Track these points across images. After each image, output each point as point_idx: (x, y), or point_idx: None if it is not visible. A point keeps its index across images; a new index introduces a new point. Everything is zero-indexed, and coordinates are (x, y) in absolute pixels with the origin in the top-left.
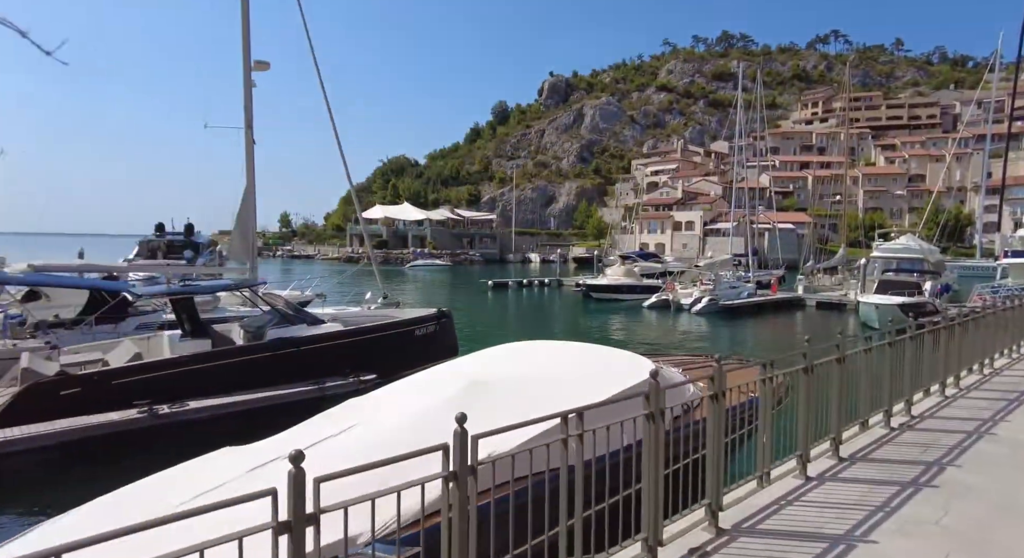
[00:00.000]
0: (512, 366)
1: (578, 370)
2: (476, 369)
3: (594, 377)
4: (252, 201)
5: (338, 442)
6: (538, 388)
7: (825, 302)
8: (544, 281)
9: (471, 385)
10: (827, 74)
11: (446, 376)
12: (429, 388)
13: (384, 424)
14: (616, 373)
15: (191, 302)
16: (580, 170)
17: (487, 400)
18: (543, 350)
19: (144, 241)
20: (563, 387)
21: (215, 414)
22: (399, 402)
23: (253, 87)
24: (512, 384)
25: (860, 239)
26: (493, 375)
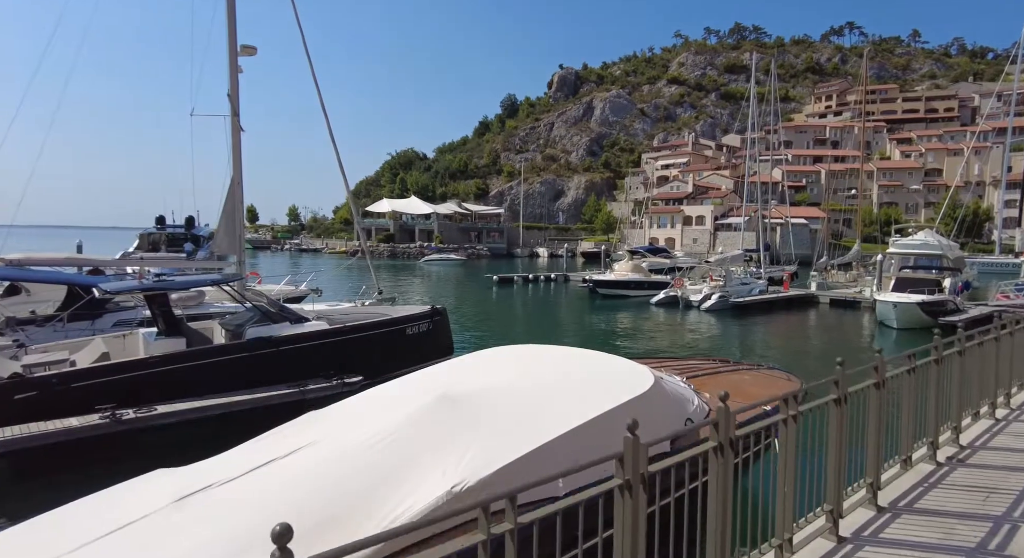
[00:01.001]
0: (490, 376)
1: (566, 381)
2: (448, 380)
3: (584, 389)
4: (239, 193)
5: (287, 466)
6: (519, 403)
7: (839, 299)
8: (550, 276)
9: (441, 400)
10: (841, 67)
11: (413, 388)
12: (394, 403)
13: (341, 444)
14: (610, 385)
15: (165, 299)
16: (589, 164)
17: (457, 417)
18: (527, 357)
19: (145, 234)
20: (549, 402)
21: (185, 419)
22: (361, 418)
23: (239, 73)
24: (488, 398)
25: (875, 234)
26: (467, 387)
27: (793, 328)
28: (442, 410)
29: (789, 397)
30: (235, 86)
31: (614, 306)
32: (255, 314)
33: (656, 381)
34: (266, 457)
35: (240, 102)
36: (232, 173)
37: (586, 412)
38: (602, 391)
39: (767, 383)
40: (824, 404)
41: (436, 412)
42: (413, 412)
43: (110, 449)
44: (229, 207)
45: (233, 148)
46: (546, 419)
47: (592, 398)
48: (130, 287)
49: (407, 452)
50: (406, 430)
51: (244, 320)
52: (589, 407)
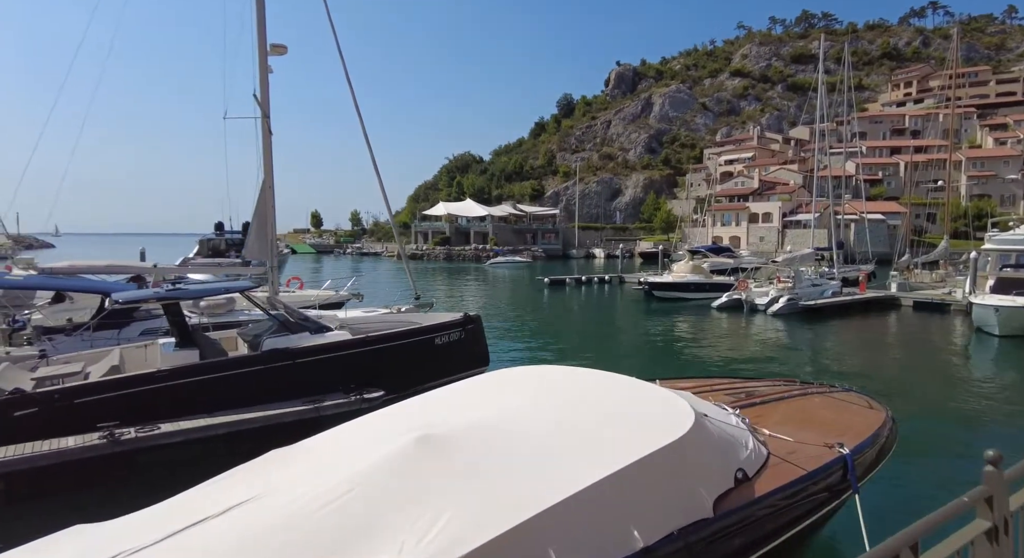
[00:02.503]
0: (487, 409)
1: (579, 420)
2: (435, 414)
3: (602, 432)
4: (270, 196)
5: (213, 530)
6: (517, 449)
7: (924, 302)
8: (604, 278)
9: (419, 443)
10: (923, 50)
11: (389, 425)
12: (367, 443)
13: (284, 502)
14: (637, 425)
15: (177, 307)
16: (648, 161)
17: (436, 466)
18: (536, 384)
19: (204, 240)
20: (554, 449)
21: (190, 438)
22: (321, 463)
23: (269, 73)
24: (480, 440)
25: (965, 229)
26: (456, 425)
27: (872, 335)
28: (418, 457)
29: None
30: (265, 87)
31: (671, 310)
32: (274, 324)
33: (698, 421)
34: (197, 515)
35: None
36: (263, 177)
37: (602, 466)
38: (625, 435)
39: (845, 413)
40: (968, 543)
41: (409, 459)
42: (379, 460)
43: (109, 472)
44: (260, 211)
45: (264, 151)
46: (549, 475)
47: (611, 445)
48: (144, 296)
49: (361, 518)
50: (366, 485)
51: (262, 330)
52: (606, 458)
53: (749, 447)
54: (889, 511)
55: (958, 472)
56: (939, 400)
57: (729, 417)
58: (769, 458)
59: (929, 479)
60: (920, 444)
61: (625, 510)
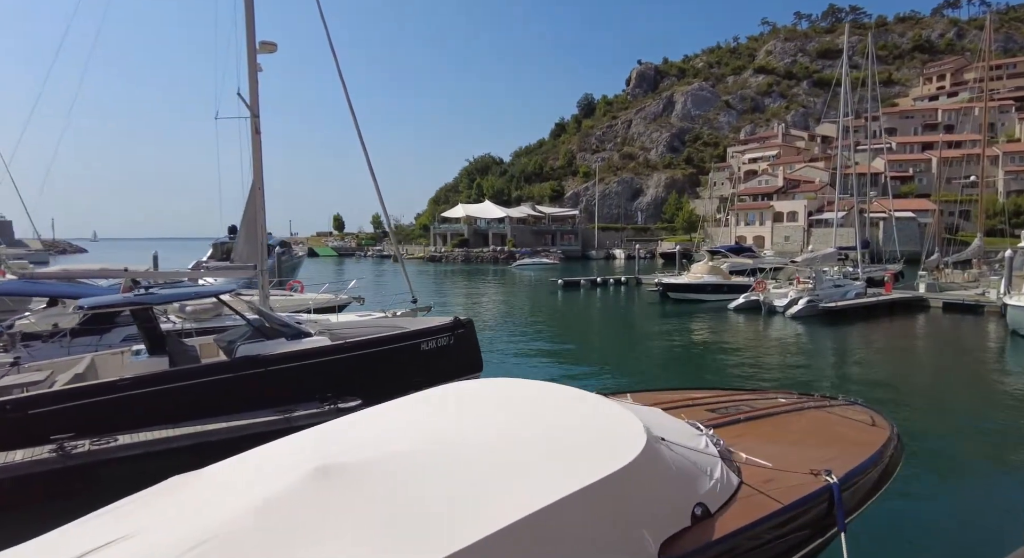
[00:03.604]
0: (414, 432)
1: (513, 444)
2: (341, 442)
3: (536, 459)
4: (260, 198)
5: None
6: (432, 482)
7: (955, 303)
8: (621, 279)
9: (317, 476)
10: (957, 42)
11: (287, 455)
12: (258, 476)
13: (150, 549)
14: (578, 452)
15: (147, 313)
16: (670, 160)
17: (336, 504)
18: (478, 402)
19: (218, 243)
20: (477, 481)
21: (151, 451)
22: (210, 497)
23: (259, 71)
24: (391, 472)
25: (1001, 227)
26: (366, 453)
27: (897, 339)
28: (314, 490)
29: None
30: (254, 85)
31: (686, 312)
32: (249, 329)
33: (648, 447)
34: (71, 551)
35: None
36: (253, 177)
37: (524, 503)
38: (560, 465)
39: (843, 431)
40: None
41: (304, 494)
42: (269, 495)
43: (61, 487)
44: (250, 213)
45: (253, 151)
46: (461, 512)
47: (542, 477)
48: (110, 301)
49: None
50: (249, 528)
51: (237, 336)
52: (532, 493)
53: (715, 476)
54: (885, 554)
55: (987, 504)
56: (966, 414)
57: (698, 439)
58: (740, 489)
59: (946, 512)
60: (938, 467)
61: (548, 556)
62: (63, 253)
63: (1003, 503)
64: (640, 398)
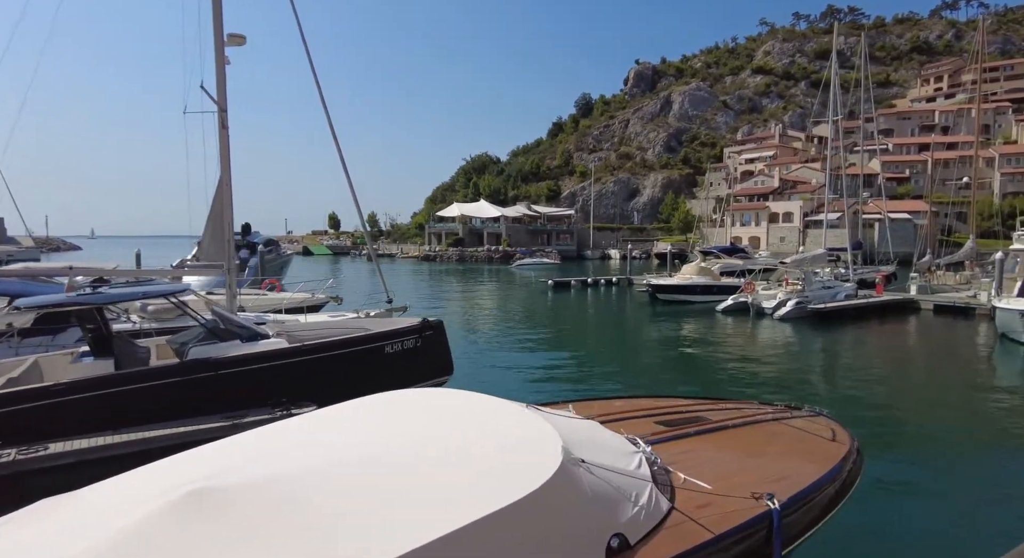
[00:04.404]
0: (304, 451)
1: (414, 465)
2: (232, 460)
3: (436, 483)
4: (227, 194)
5: None
6: (315, 505)
7: (946, 305)
8: (612, 280)
9: (187, 502)
10: (955, 44)
11: (160, 477)
12: (129, 499)
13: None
14: (483, 474)
15: (91, 313)
16: (667, 160)
17: (205, 534)
18: (384, 417)
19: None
20: (367, 511)
21: (85, 460)
22: (67, 528)
23: (227, 64)
24: (274, 494)
25: (996, 229)
26: (247, 474)
27: (886, 341)
28: (181, 521)
29: None
30: (222, 79)
31: (674, 313)
32: (202, 331)
33: (562, 470)
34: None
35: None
36: (220, 173)
37: (412, 536)
38: (466, 489)
39: (798, 446)
40: None
41: (167, 524)
42: (130, 526)
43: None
44: (217, 210)
45: (220, 147)
46: (340, 548)
47: (443, 503)
48: (49, 301)
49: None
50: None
51: (190, 338)
52: (422, 525)
53: (640, 502)
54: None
55: (967, 520)
56: (949, 421)
57: (630, 459)
58: (670, 515)
59: (917, 524)
60: (911, 483)
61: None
62: (56, 251)
63: (979, 514)
64: (583, 408)
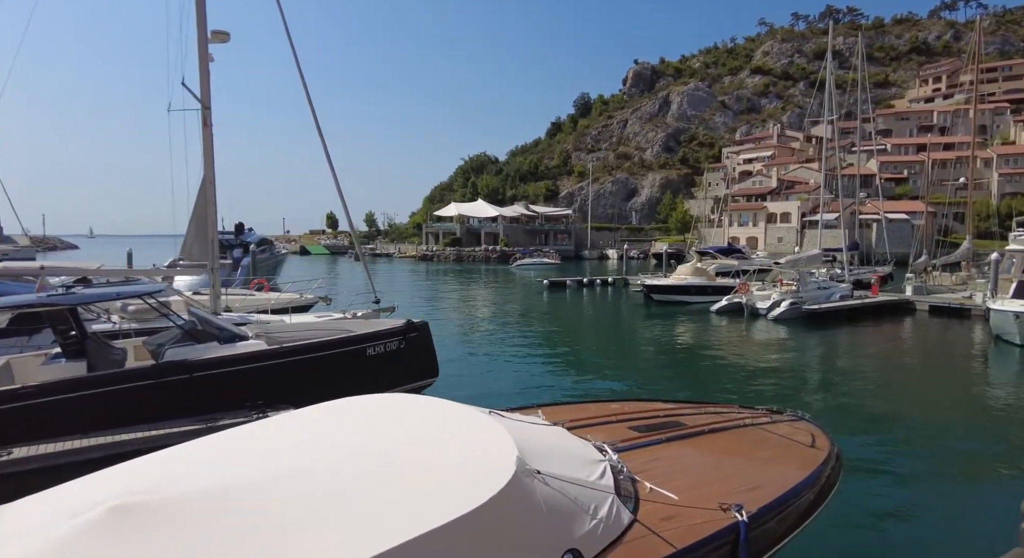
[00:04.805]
0: (245, 461)
1: (359, 478)
2: (157, 473)
3: (379, 497)
4: (211, 193)
5: None
6: (247, 520)
7: (941, 306)
8: (608, 280)
9: (111, 516)
10: (954, 45)
11: (87, 491)
12: (49, 517)
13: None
14: (433, 486)
15: (65, 315)
16: (665, 160)
17: (127, 550)
18: (339, 425)
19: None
20: (306, 524)
21: (49, 465)
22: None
23: (210, 61)
24: (202, 513)
25: (994, 229)
26: (174, 489)
27: (880, 343)
28: (101, 540)
29: None
30: (205, 76)
31: (668, 314)
32: (179, 332)
33: (515, 481)
34: None
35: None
36: (204, 172)
37: (361, 549)
38: (408, 501)
39: (775, 453)
40: None
41: (87, 544)
42: (44, 546)
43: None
44: (200, 209)
45: (204, 145)
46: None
47: (390, 516)
48: (13, 302)
49: None
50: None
51: (167, 339)
52: (376, 535)
53: (599, 515)
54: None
55: (955, 525)
56: (939, 423)
57: (594, 468)
58: (631, 528)
59: (903, 537)
60: (899, 486)
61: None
62: (53, 250)
63: (968, 519)
64: (554, 413)
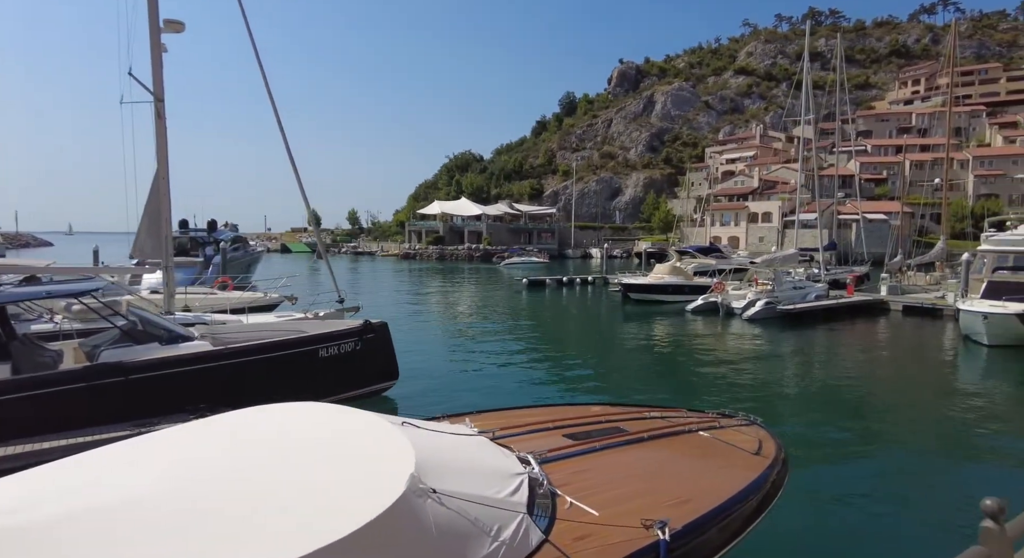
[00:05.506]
0: (98, 484)
1: (240, 498)
2: (16, 494)
3: (254, 520)
4: (165, 188)
5: None
6: (116, 547)
7: (915, 306)
8: (588, 279)
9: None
10: (932, 48)
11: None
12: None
13: None
14: (320, 506)
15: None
16: (649, 160)
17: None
18: (233, 438)
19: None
20: (180, 548)
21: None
22: None
23: (164, 52)
24: (82, 531)
25: (968, 230)
26: (51, 509)
27: (852, 343)
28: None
29: None
30: (158, 67)
31: (645, 313)
32: (117, 333)
33: (403, 501)
34: None
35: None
36: (157, 166)
37: None
38: (285, 524)
39: (716, 461)
40: None
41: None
42: None
43: None
44: (153, 205)
45: (157, 138)
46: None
47: (255, 542)
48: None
49: None
50: None
51: (103, 340)
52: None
53: (504, 536)
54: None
55: (914, 525)
56: (902, 424)
57: (508, 482)
58: (540, 549)
59: (859, 535)
60: (856, 486)
61: None
62: (25, 247)
63: (929, 518)
64: (485, 420)
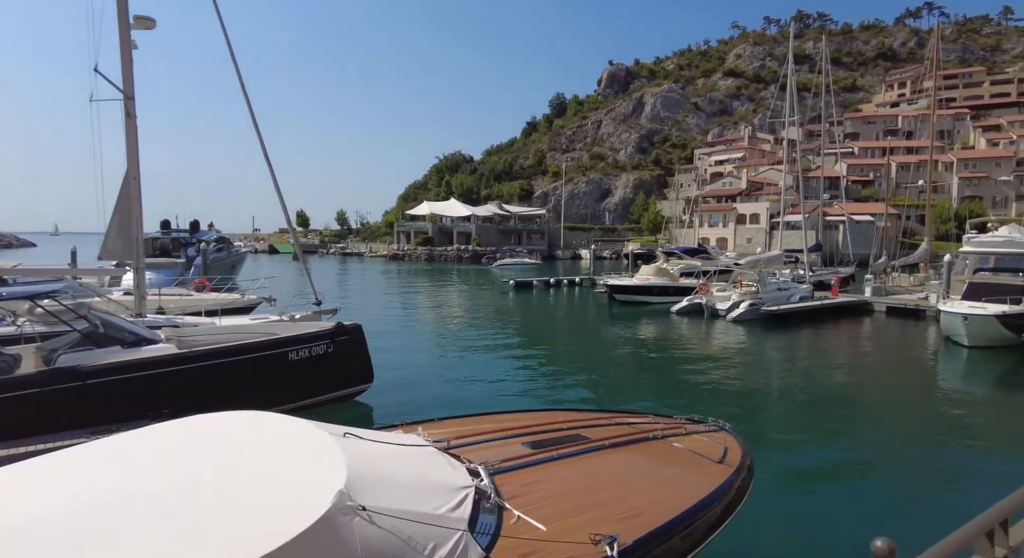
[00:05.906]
0: (50, 494)
1: (162, 514)
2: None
3: (173, 534)
4: (135, 188)
5: None
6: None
7: (898, 307)
8: (575, 280)
9: None
10: (918, 51)
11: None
12: None
13: None
14: (241, 523)
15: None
16: (638, 161)
17: None
18: (144, 451)
19: (149, 238)
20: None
21: None
22: None
23: (134, 49)
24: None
25: (953, 232)
26: None
27: (835, 344)
28: None
29: None
30: (127, 65)
31: (630, 315)
32: (76, 336)
33: (325, 520)
34: None
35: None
36: (127, 165)
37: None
38: (195, 546)
39: (678, 470)
40: None
41: None
42: None
43: None
44: (123, 204)
45: (127, 137)
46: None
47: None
48: None
49: None
50: None
51: (62, 344)
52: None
53: (440, 554)
54: None
55: (880, 523)
56: (879, 424)
57: (450, 496)
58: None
59: (830, 534)
60: (833, 484)
61: None
62: (8, 247)
63: (898, 514)
64: (442, 428)
